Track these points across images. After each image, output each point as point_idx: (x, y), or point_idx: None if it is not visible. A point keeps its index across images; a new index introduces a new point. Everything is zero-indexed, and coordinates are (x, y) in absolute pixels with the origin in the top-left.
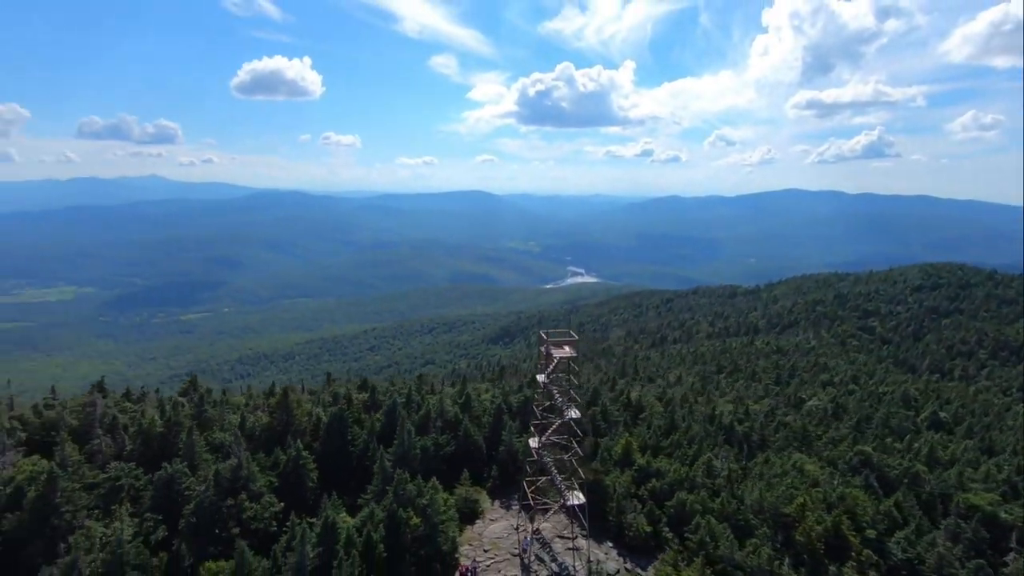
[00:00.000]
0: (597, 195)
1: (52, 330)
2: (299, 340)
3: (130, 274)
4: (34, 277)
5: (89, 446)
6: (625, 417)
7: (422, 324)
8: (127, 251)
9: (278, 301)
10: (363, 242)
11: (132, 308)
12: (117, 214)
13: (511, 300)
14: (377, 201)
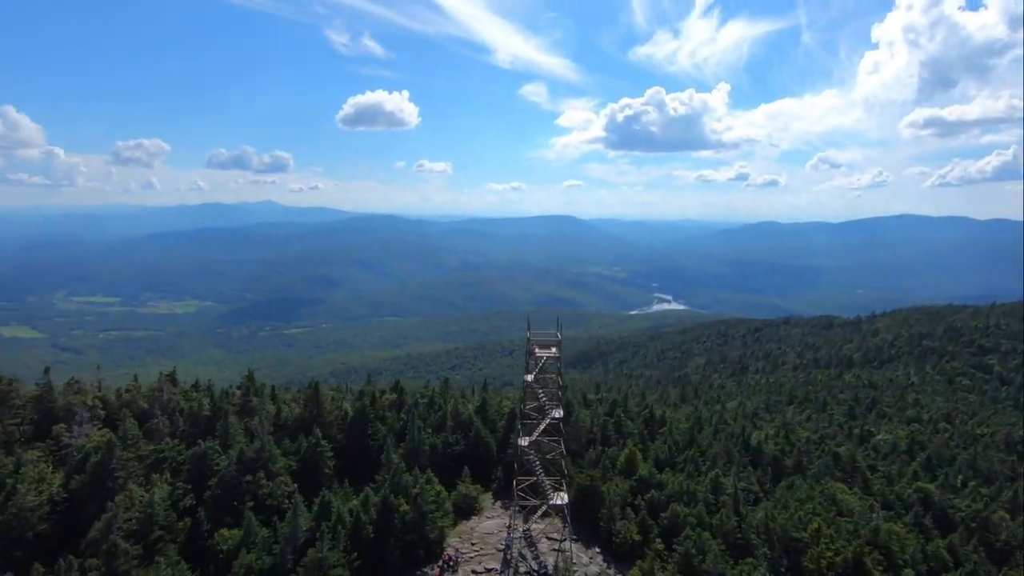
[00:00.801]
0: (687, 220)
1: (177, 339)
2: (387, 356)
3: (243, 290)
4: (166, 291)
5: (148, 424)
6: (642, 430)
7: (503, 346)
8: (242, 269)
9: (370, 319)
10: (451, 264)
11: (243, 321)
12: (236, 236)
13: (593, 325)
14: (466, 225)
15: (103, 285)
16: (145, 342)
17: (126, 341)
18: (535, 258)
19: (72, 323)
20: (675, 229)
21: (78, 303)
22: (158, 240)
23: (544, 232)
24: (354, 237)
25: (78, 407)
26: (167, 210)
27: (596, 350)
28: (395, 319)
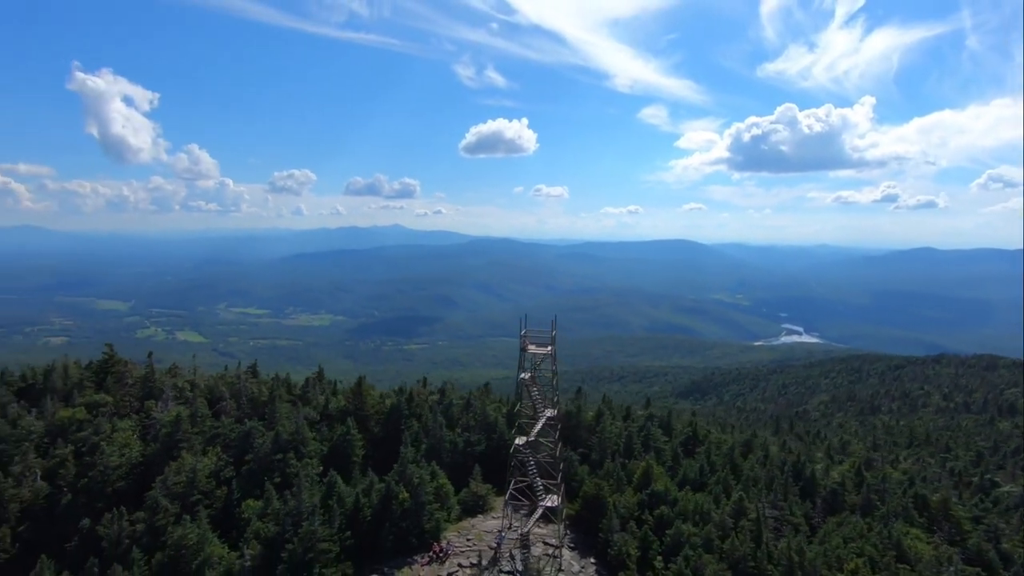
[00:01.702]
0: (822, 245)
1: (312, 348)
2: (497, 375)
3: (371, 307)
4: (306, 305)
5: (218, 406)
6: (675, 447)
7: (612, 371)
8: (371, 288)
9: (484, 338)
10: (564, 287)
11: (369, 336)
12: (367, 257)
13: (711, 355)
14: (581, 249)
15: (256, 298)
16: (286, 350)
17: (271, 348)
18: (651, 283)
19: (230, 331)
20: (808, 255)
21: (235, 313)
22: (302, 260)
23: (661, 256)
24: (473, 259)
25: (167, 387)
26: (311, 233)
27: (710, 381)
28: (508, 339)
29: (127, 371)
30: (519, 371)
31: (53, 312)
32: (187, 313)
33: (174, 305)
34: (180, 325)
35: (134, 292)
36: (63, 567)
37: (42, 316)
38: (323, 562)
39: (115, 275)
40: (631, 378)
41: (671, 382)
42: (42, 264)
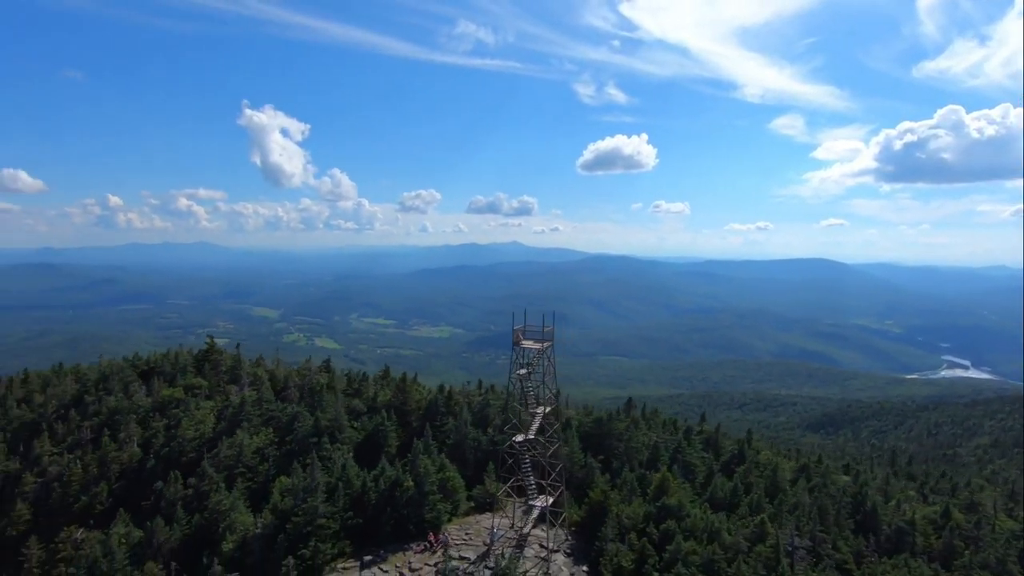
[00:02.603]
0: (998, 267)
1: (432, 359)
2: (607, 395)
3: (487, 321)
4: (428, 317)
5: (283, 393)
6: (712, 463)
7: (733, 397)
8: (488, 303)
9: (596, 356)
10: (683, 307)
11: (484, 349)
12: (485, 272)
13: (851, 386)
14: (702, 267)
15: (384, 310)
16: (409, 359)
17: (395, 357)
18: (781, 305)
19: (360, 339)
20: (978, 277)
21: (366, 323)
22: (426, 275)
23: (794, 276)
24: (588, 276)
25: (245, 374)
26: (435, 249)
27: (845, 414)
28: (621, 359)
29: (221, 359)
30: (511, 366)
31: (219, 317)
32: (325, 322)
33: (314, 314)
34: (319, 332)
35: (283, 301)
36: (139, 522)
37: (210, 320)
38: (321, 537)
39: (269, 286)
40: (753, 406)
41: (799, 413)
42: (213, 276)
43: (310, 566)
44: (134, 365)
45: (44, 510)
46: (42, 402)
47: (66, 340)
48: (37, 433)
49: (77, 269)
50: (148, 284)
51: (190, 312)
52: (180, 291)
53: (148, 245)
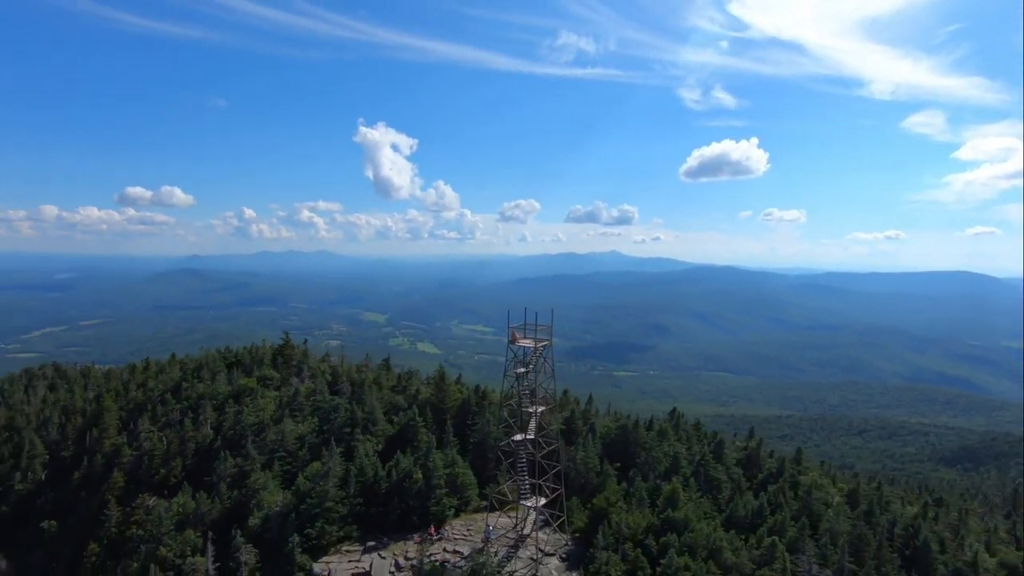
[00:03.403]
0: None
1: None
2: (709, 412)
3: (584, 331)
4: None
5: (337, 386)
6: (740, 479)
7: (852, 423)
8: (585, 313)
9: (698, 371)
10: (796, 322)
11: (580, 359)
12: (582, 282)
13: (999, 417)
14: (819, 279)
15: (483, 317)
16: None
17: (492, 363)
18: (915, 323)
19: (460, 345)
20: None
21: (465, 330)
22: (524, 284)
23: (931, 291)
24: (691, 287)
25: (305, 368)
26: (533, 258)
27: (990, 448)
28: (725, 375)
29: (293, 354)
30: (506, 364)
31: (334, 320)
32: (427, 327)
33: (418, 320)
34: (421, 337)
35: (390, 307)
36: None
37: (326, 323)
38: (328, 519)
39: (378, 292)
40: (876, 433)
41: (932, 444)
42: (330, 282)
43: (315, 545)
44: (224, 357)
45: (134, 479)
46: (152, 386)
47: (207, 336)
48: (143, 413)
49: (217, 274)
50: (275, 288)
51: (309, 315)
52: (301, 295)
53: (276, 253)
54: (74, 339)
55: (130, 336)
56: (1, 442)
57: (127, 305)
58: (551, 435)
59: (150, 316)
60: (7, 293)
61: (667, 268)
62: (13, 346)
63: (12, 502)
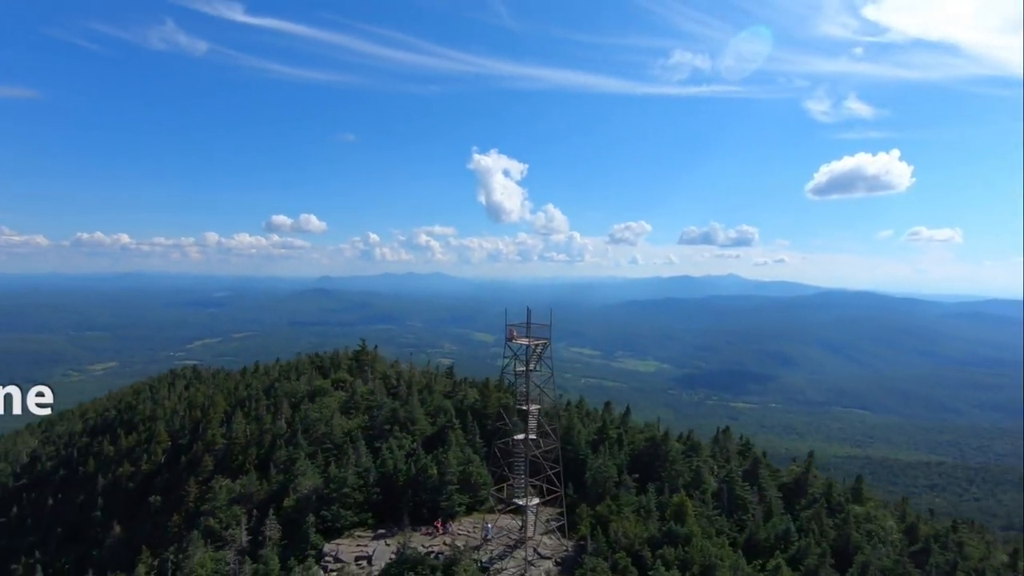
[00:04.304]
0: None
1: (635, 392)
2: (841, 453)
3: (697, 358)
4: (634, 350)
5: (394, 389)
6: (774, 499)
7: (1019, 473)
8: (699, 338)
9: (829, 407)
10: (950, 355)
11: (692, 387)
12: (697, 306)
13: None
14: (980, 307)
15: (590, 340)
16: (611, 391)
17: (598, 387)
18: None
19: (566, 367)
20: None
21: (572, 352)
22: (634, 306)
23: None
24: (819, 313)
25: (368, 372)
26: (644, 281)
27: None
28: (861, 412)
29: (366, 359)
30: (503, 363)
31: (446, 339)
32: None
33: None
34: None
35: (499, 328)
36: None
37: (439, 341)
38: (344, 504)
39: (487, 313)
40: None
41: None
42: (444, 302)
43: (331, 527)
44: (312, 361)
45: (220, 464)
46: (254, 386)
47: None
48: (240, 408)
49: (344, 294)
50: (394, 308)
51: (423, 333)
52: (417, 315)
53: (396, 275)
54: (226, 349)
55: (270, 347)
56: (141, 430)
57: (269, 320)
58: (551, 436)
59: (288, 330)
60: (177, 309)
61: (792, 292)
62: (179, 353)
63: (138, 480)
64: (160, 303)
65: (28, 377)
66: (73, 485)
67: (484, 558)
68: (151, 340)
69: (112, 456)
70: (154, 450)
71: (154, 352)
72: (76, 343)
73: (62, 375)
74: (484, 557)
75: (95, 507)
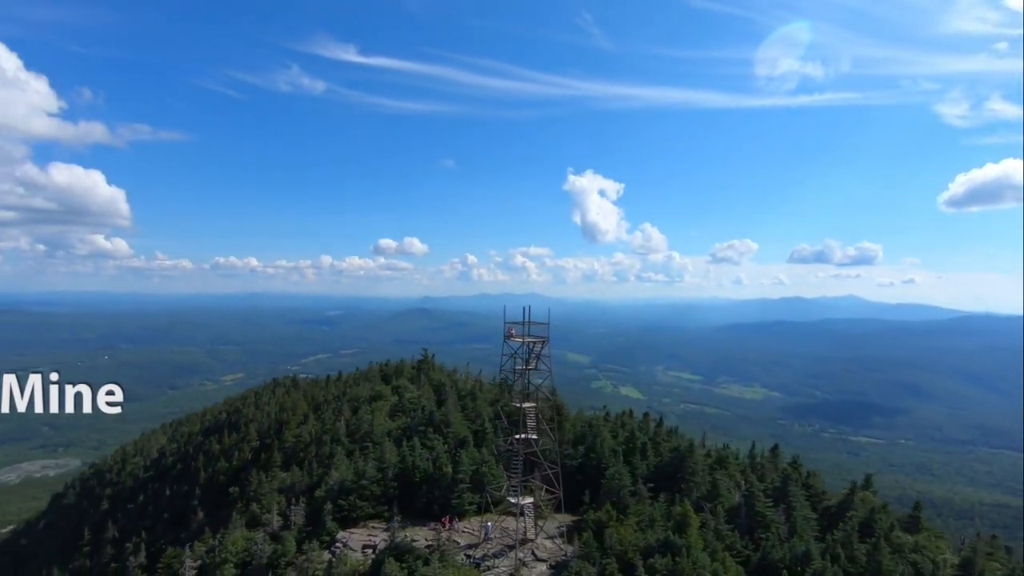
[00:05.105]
0: None
1: (739, 420)
2: (987, 499)
3: (811, 386)
4: (738, 376)
5: (444, 395)
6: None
7: None
8: (813, 365)
9: (973, 447)
10: None
11: (806, 417)
12: (811, 330)
13: None
14: None
15: (690, 364)
16: (713, 417)
17: (699, 414)
18: None
19: (664, 392)
20: None
21: (670, 376)
22: (738, 330)
23: None
24: (959, 340)
25: (423, 379)
26: (749, 303)
27: None
28: (1014, 455)
29: (425, 368)
30: (502, 361)
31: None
32: (630, 371)
33: (621, 363)
34: (624, 381)
35: (594, 349)
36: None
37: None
38: (361, 495)
39: (582, 334)
40: None
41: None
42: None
43: (347, 516)
44: (381, 370)
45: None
46: (332, 391)
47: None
48: (315, 411)
49: (444, 314)
50: (490, 328)
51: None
52: None
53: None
54: (336, 364)
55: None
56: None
57: (375, 338)
58: (549, 435)
59: (391, 348)
60: (295, 326)
61: (925, 316)
62: (294, 367)
63: (228, 474)
64: (281, 321)
65: (172, 384)
66: (185, 478)
67: (478, 555)
68: (273, 354)
69: (215, 453)
70: (244, 448)
71: (275, 365)
72: (211, 356)
73: (199, 384)
74: (479, 554)
75: (194, 497)
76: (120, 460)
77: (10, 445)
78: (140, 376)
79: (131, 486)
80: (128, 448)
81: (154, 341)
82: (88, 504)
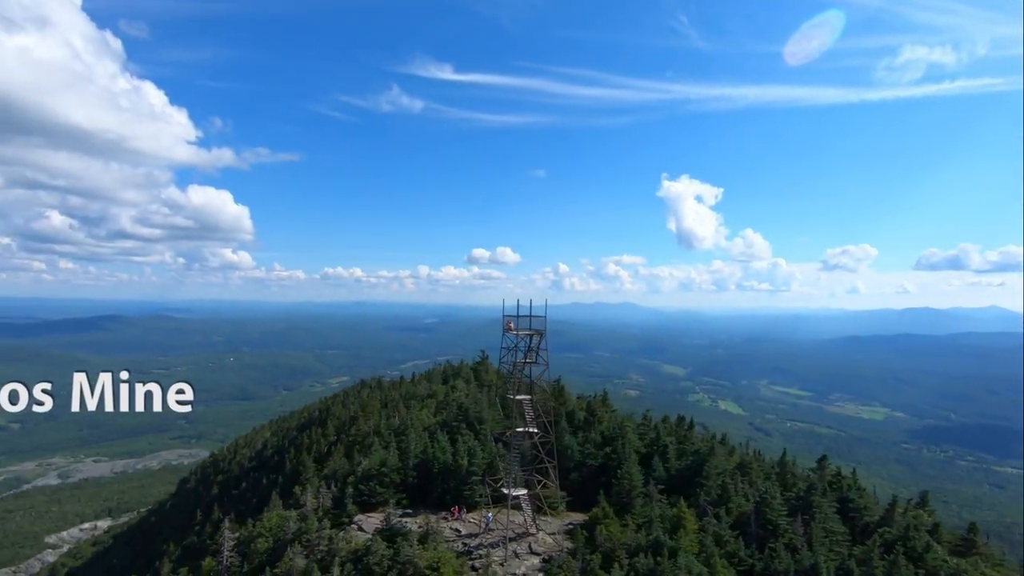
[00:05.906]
0: None
1: (856, 442)
2: None
3: (943, 407)
4: (855, 393)
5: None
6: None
7: None
8: (945, 383)
9: None
10: None
11: (937, 442)
12: (941, 345)
13: None
14: None
15: (798, 379)
16: (825, 438)
17: (808, 434)
18: None
19: (768, 408)
20: None
21: (776, 392)
22: (855, 343)
23: None
24: None
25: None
26: (868, 314)
27: None
28: None
29: (482, 368)
30: (501, 353)
31: (633, 371)
32: (730, 385)
33: (720, 376)
34: (723, 395)
35: (691, 361)
36: None
37: (625, 372)
38: (381, 482)
39: (679, 345)
40: None
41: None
42: (632, 333)
43: (366, 501)
44: (443, 371)
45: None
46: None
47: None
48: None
49: None
50: (582, 337)
51: (610, 363)
52: (605, 345)
53: (585, 304)
54: None
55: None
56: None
57: (468, 345)
58: (548, 428)
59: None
60: (395, 333)
61: None
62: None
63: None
64: (383, 327)
65: (286, 385)
66: (280, 467)
67: (474, 543)
68: (375, 359)
69: (303, 445)
70: (321, 441)
71: (377, 370)
72: (320, 360)
73: (309, 385)
74: (474, 543)
75: (278, 484)
76: (232, 451)
77: (154, 435)
78: (259, 377)
79: (237, 474)
80: (240, 441)
81: (272, 345)
82: (203, 489)
